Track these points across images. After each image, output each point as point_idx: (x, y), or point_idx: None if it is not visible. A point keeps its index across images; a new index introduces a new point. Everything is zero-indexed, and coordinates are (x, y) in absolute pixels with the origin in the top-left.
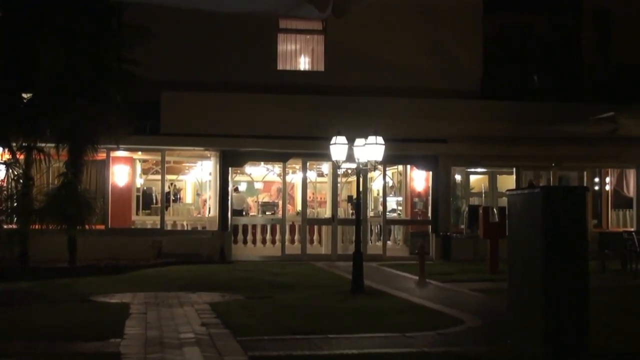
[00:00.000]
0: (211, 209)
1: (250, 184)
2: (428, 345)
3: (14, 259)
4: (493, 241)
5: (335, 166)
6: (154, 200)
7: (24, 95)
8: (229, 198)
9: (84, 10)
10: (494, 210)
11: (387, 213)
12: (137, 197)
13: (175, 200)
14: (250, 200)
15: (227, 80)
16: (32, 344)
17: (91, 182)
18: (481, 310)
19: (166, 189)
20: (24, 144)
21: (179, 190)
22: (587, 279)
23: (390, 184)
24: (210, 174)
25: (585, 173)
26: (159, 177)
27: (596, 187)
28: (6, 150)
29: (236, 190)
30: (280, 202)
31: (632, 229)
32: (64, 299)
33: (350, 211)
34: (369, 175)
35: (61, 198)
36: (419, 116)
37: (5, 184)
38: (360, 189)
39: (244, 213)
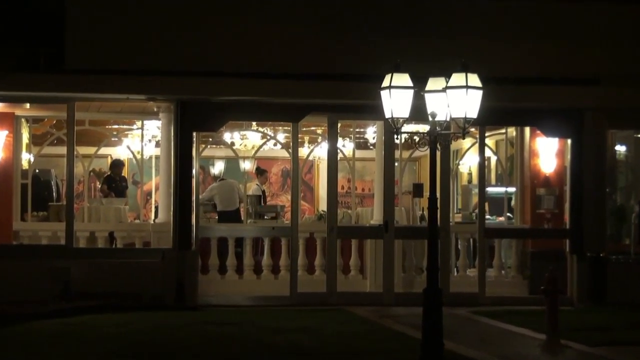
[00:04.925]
0: (160, 208)
1: (232, 163)
2: None
3: None
4: None
5: (390, 130)
6: (55, 194)
7: None
8: (192, 185)
9: None
10: None
11: (488, 216)
12: (24, 187)
13: (118, 193)
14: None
15: None
16: None
17: None
18: None
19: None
20: None
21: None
22: None
23: (494, 162)
24: (158, 143)
25: None
26: (63, 149)
27: None
28: None
29: None
30: (289, 197)
31: None
32: None
33: (419, 213)
34: (454, 146)
35: None
36: (545, 35)
37: None
38: (438, 171)
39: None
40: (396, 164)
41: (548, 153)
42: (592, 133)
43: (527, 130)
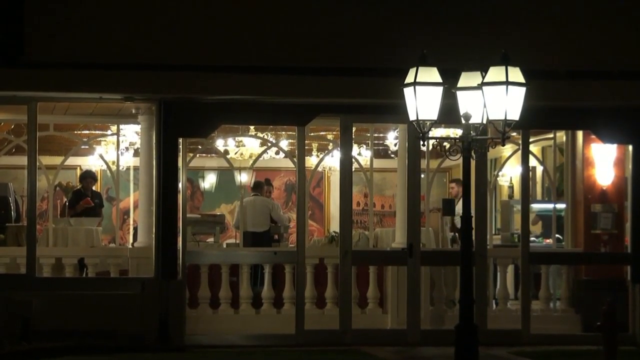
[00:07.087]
0: (139, 230)
1: (226, 175)
2: None
3: None
4: None
5: (415, 135)
6: (14, 212)
7: None
8: (178, 201)
9: None
10: None
11: (533, 238)
12: None
13: (89, 211)
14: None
15: None
16: None
17: None
18: None
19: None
20: None
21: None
22: None
23: (540, 173)
24: (137, 151)
25: None
26: (23, 159)
27: None
28: None
29: None
30: (294, 216)
31: None
32: None
33: (450, 234)
34: (492, 154)
35: None
36: (602, 19)
37: None
38: (472, 184)
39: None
40: (422, 175)
41: (605, 162)
42: None
43: (580, 134)
